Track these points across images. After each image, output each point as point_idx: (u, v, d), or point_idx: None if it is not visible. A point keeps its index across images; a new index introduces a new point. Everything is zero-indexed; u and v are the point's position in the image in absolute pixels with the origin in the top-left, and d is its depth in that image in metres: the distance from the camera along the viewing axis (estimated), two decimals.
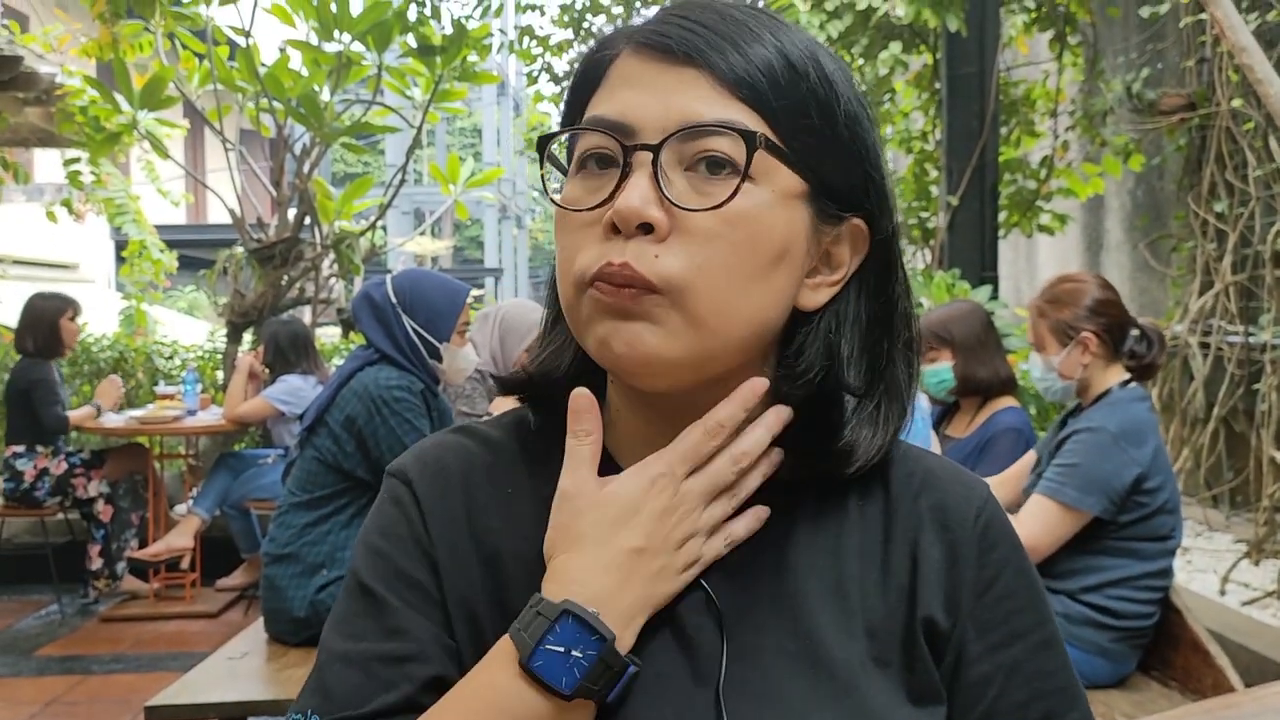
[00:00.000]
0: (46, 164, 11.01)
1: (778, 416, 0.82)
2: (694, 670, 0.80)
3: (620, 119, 0.78)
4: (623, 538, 0.79)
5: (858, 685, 0.80)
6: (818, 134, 0.80)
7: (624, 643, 0.77)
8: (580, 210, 0.79)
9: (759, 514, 0.83)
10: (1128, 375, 2.79)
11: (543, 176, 0.84)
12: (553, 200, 0.81)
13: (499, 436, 0.92)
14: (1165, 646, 2.78)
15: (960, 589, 0.84)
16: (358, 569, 0.86)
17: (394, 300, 3.03)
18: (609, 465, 0.86)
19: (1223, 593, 4.61)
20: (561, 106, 0.90)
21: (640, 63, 0.80)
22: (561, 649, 0.75)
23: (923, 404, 3.09)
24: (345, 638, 0.84)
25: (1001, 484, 3.00)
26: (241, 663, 2.85)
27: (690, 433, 0.80)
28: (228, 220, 6.46)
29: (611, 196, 0.77)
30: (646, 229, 0.75)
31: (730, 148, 0.76)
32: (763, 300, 0.79)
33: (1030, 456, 3.01)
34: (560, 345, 0.89)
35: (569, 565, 0.79)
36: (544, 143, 0.83)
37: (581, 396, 0.82)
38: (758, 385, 0.80)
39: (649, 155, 0.76)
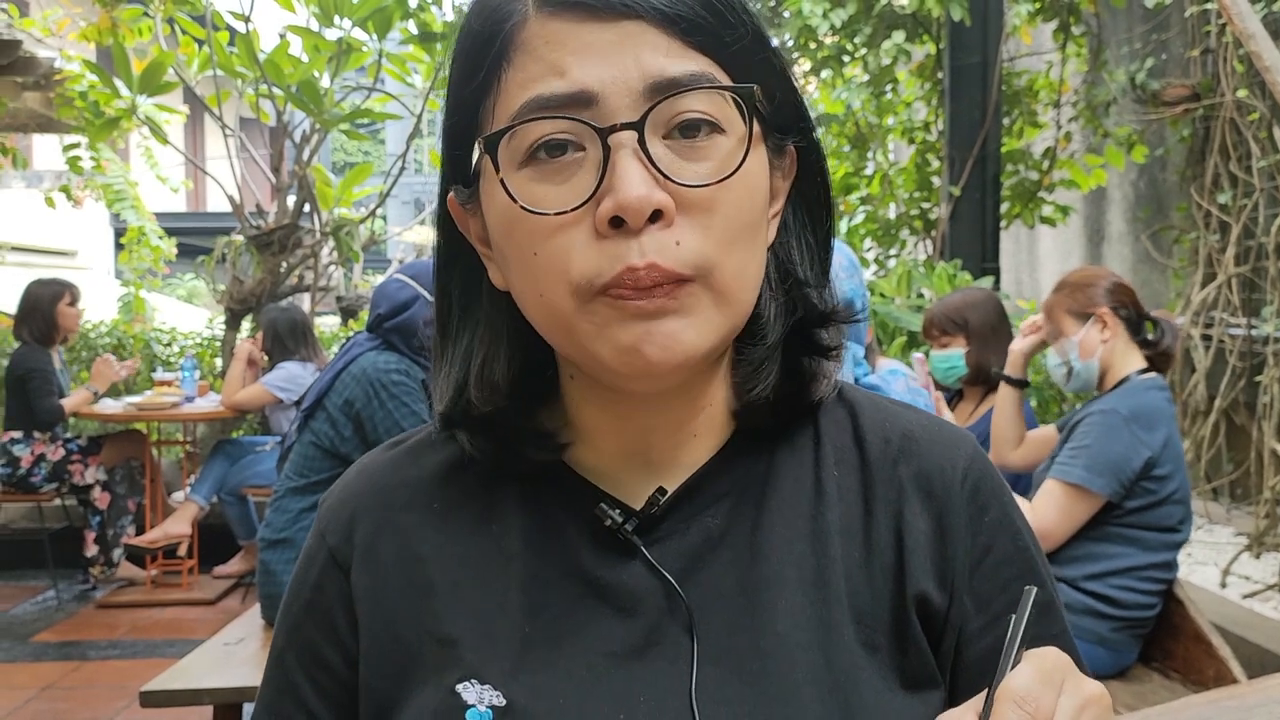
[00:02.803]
0: (45, 151, 10.98)
1: None
2: (663, 677, 0.74)
3: (579, 89, 0.68)
4: None
5: (845, 678, 0.74)
6: (757, 62, 0.73)
7: None
8: (562, 213, 0.68)
9: None
10: (1145, 365, 2.79)
11: (501, 181, 0.70)
12: (522, 206, 0.69)
13: (430, 446, 0.86)
14: (1166, 637, 2.76)
15: (953, 561, 0.79)
16: (279, 633, 0.86)
17: (430, 299, 3.04)
18: (573, 479, 0.81)
19: (1223, 585, 4.60)
20: (450, 90, 0.76)
21: (566, 24, 0.69)
22: None
23: (926, 392, 3.07)
24: (263, 706, 0.85)
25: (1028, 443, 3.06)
26: (237, 648, 2.84)
27: None
28: (227, 208, 6.44)
29: (599, 188, 0.67)
30: (654, 216, 0.67)
31: (705, 104, 0.69)
32: (762, 255, 0.75)
33: (1049, 429, 3.04)
34: (488, 357, 0.79)
35: None
36: (495, 143, 0.70)
37: None
38: None
39: (633, 135, 0.67)
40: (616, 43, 0.68)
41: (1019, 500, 2.65)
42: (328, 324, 7.99)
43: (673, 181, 0.68)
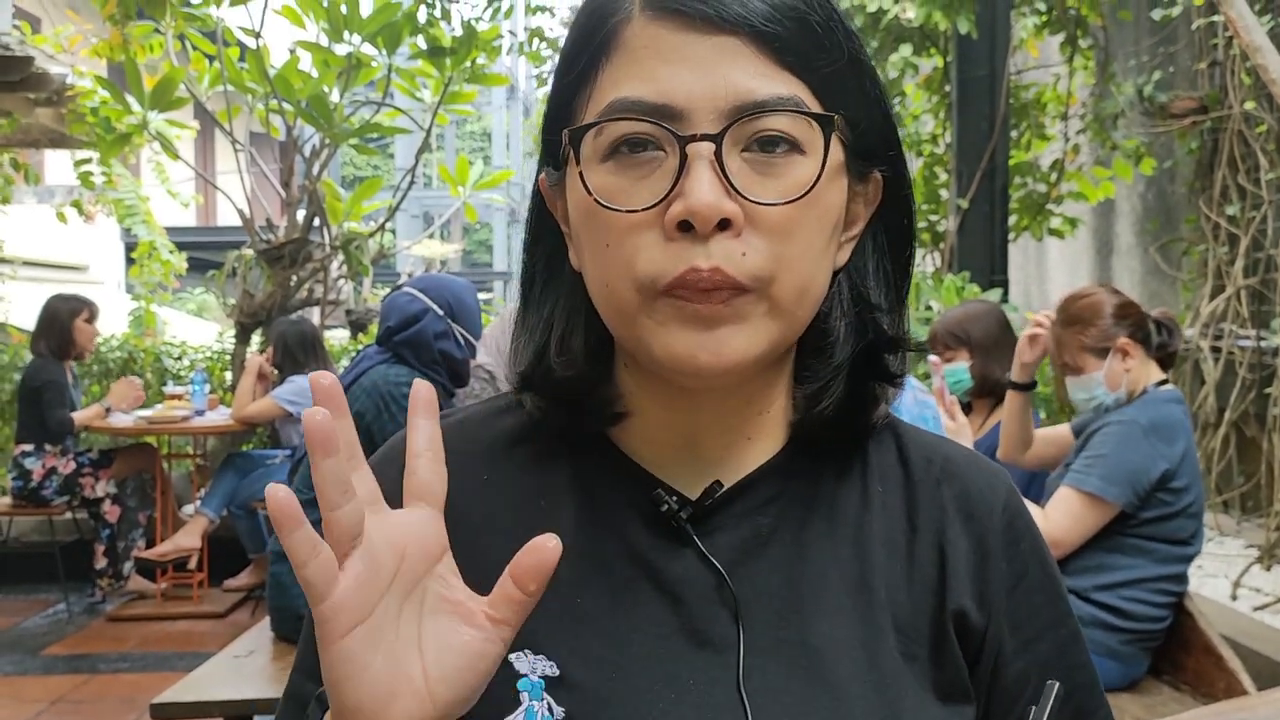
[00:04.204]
0: (57, 166, 11.03)
1: None
2: (711, 665, 0.76)
3: (666, 101, 0.70)
4: None
5: (886, 683, 0.76)
6: (848, 88, 0.75)
7: None
8: (635, 211, 0.71)
9: None
10: (1161, 375, 2.80)
11: (580, 174, 0.73)
12: (597, 200, 0.72)
13: (479, 423, 0.87)
14: (1177, 650, 2.76)
15: (991, 584, 0.81)
16: None
17: (440, 312, 3.07)
18: (627, 463, 0.82)
19: (1234, 598, 4.59)
20: (553, 77, 0.80)
21: (665, 30, 0.72)
22: None
23: (934, 403, 3.07)
24: (298, 671, 0.83)
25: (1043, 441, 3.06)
26: (247, 661, 2.85)
27: None
28: (236, 222, 6.47)
29: (671, 192, 0.70)
30: (723, 224, 0.70)
31: (787, 124, 0.71)
32: (826, 276, 0.77)
33: (1062, 428, 3.04)
34: (568, 328, 0.81)
35: None
36: (580, 136, 0.73)
37: None
38: None
39: (710, 146, 0.70)
40: (711, 58, 0.71)
41: (1030, 506, 2.66)
42: (337, 337, 8.02)
43: (743, 196, 0.70)
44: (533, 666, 0.75)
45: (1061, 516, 2.64)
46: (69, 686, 4.53)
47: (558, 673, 0.75)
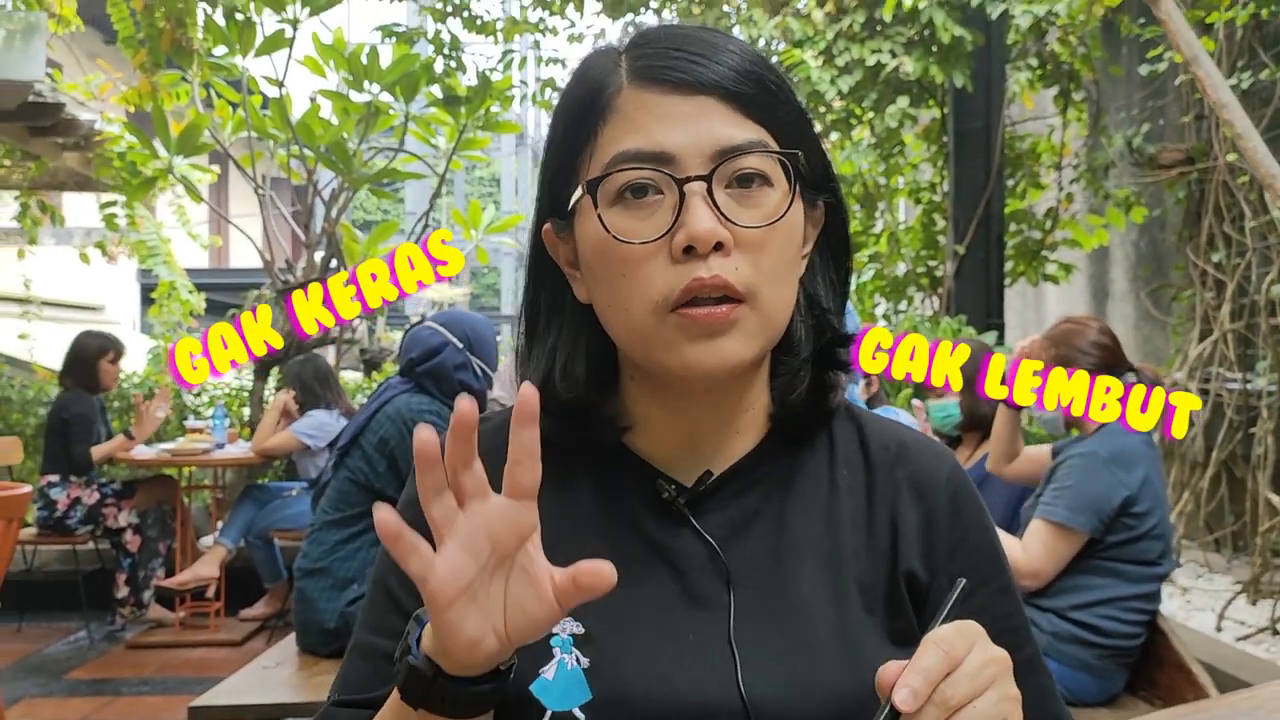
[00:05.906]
0: (76, 208, 11.29)
1: None
2: (707, 623, 0.91)
3: (661, 150, 0.87)
4: None
5: (854, 634, 0.92)
6: (798, 132, 0.93)
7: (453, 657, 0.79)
8: (645, 242, 0.87)
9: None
10: None
11: (599, 216, 0.89)
12: (615, 237, 0.87)
13: (506, 427, 0.96)
14: (1151, 667, 2.92)
15: (936, 548, 0.98)
16: (380, 565, 0.99)
17: (459, 345, 3.26)
18: (635, 460, 0.98)
19: (1219, 629, 4.73)
20: (552, 145, 0.96)
21: (652, 95, 0.90)
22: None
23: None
24: (365, 629, 0.98)
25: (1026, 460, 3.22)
26: (275, 671, 3.01)
27: None
28: (250, 263, 6.69)
29: (674, 224, 0.86)
30: (717, 246, 0.86)
31: (758, 161, 0.89)
32: (794, 287, 0.94)
33: (1042, 448, 3.21)
34: (570, 355, 0.96)
35: None
36: (596, 185, 0.89)
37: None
38: None
39: (703, 185, 0.86)
40: (693, 114, 0.89)
41: (1009, 538, 2.84)
42: (351, 377, 8.21)
43: (732, 223, 0.87)
44: (562, 626, 0.92)
45: (1037, 548, 2.83)
46: (91, 708, 4.67)
47: (583, 631, 0.92)
